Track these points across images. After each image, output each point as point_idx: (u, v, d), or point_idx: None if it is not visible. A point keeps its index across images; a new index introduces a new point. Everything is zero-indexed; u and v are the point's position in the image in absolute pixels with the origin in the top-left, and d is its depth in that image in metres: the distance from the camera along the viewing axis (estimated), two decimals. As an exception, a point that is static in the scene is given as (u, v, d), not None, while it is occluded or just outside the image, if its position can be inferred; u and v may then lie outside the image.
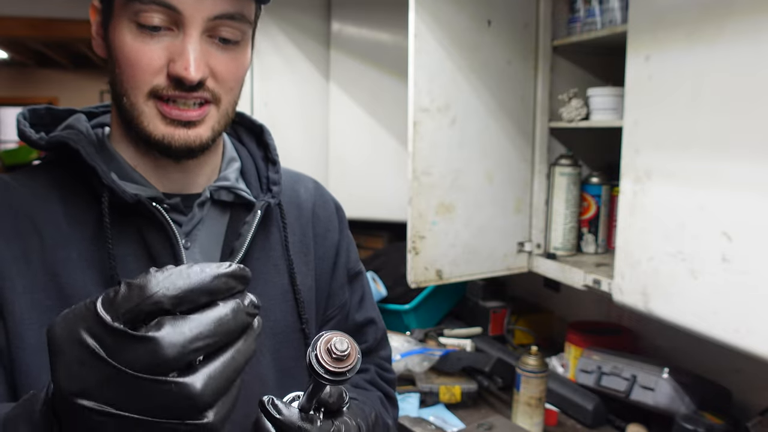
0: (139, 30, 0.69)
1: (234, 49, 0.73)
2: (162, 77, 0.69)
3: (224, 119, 0.76)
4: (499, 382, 1.78)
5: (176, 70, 0.68)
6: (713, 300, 1.13)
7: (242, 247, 0.78)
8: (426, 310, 2.17)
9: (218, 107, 0.74)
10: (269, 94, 2.43)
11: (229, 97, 0.75)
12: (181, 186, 0.80)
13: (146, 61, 0.69)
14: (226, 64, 0.72)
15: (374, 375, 0.95)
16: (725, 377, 1.50)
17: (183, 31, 0.69)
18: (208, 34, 0.71)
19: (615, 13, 1.50)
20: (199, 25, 0.69)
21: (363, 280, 0.99)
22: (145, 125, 0.72)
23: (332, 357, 0.56)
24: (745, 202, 1.07)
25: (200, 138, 0.73)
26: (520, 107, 1.74)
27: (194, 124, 0.72)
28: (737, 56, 1.07)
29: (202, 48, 0.70)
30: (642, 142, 1.28)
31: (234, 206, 0.83)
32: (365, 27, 2.50)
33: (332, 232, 0.94)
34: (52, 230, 0.72)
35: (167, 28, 0.69)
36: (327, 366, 0.56)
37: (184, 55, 0.68)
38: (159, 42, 0.69)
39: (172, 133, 0.71)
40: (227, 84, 0.73)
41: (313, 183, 0.98)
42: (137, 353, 0.42)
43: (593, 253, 1.75)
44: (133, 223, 0.74)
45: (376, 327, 0.97)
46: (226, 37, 0.72)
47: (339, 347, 0.56)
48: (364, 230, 2.69)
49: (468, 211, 1.70)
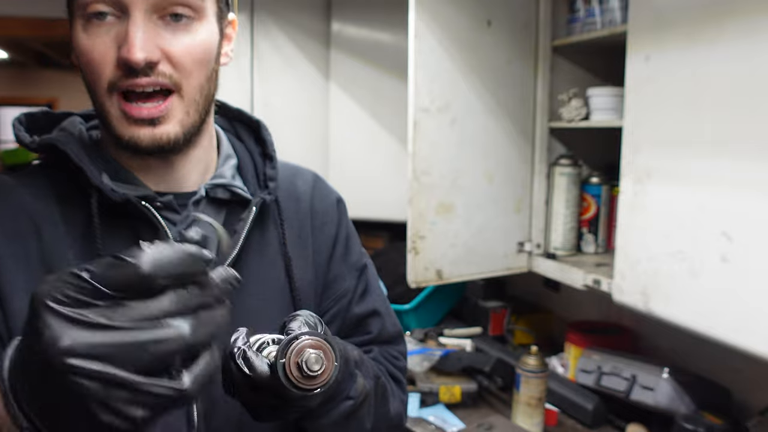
0: (88, 22, 0.68)
1: (188, 25, 0.70)
2: (111, 68, 0.68)
3: (194, 109, 0.73)
4: (499, 382, 1.79)
5: (121, 53, 0.66)
6: (713, 300, 1.13)
7: (237, 244, 0.78)
8: (426, 310, 2.17)
9: (181, 97, 0.71)
10: (269, 94, 2.43)
11: (192, 82, 0.72)
12: (175, 184, 0.79)
13: (98, 55, 0.68)
14: (181, 44, 0.69)
15: (378, 355, 0.92)
16: (725, 377, 1.50)
17: (127, 14, 0.67)
18: (159, 15, 0.68)
19: (615, 13, 1.50)
20: (142, 5, 0.67)
21: (368, 273, 0.96)
22: (114, 126, 0.70)
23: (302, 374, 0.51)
24: (745, 202, 1.07)
25: (167, 135, 0.71)
26: (520, 107, 1.74)
27: (159, 121, 0.70)
28: (737, 56, 1.07)
29: (148, 28, 0.67)
30: (642, 142, 1.28)
31: (230, 203, 0.82)
32: (365, 27, 2.50)
33: (329, 225, 0.92)
34: (50, 229, 0.73)
35: (114, 16, 0.67)
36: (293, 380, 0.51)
37: (127, 37, 0.66)
38: (107, 33, 0.68)
39: (137, 133, 0.70)
40: (185, 67, 0.70)
41: (312, 176, 0.96)
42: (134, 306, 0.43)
43: (593, 253, 1.75)
44: (126, 223, 0.74)
45: (382, 319, 0.93)
46: (177, 12, 0.69)
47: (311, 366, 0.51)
48: (364, 230, 2.67)
49: (468, 211, 1.70)
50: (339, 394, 0.70)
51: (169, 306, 0.44)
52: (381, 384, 0.82)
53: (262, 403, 0.62)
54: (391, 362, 0.93)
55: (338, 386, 0.68)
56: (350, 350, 0.74)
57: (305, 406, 0.63)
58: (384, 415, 0.82)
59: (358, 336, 0.91)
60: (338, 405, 0.70)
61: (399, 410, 0.87)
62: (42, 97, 7.50)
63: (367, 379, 0.76)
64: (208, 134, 0.81)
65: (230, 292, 0.49)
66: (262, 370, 0.59)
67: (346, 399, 0.71)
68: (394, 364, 0.93)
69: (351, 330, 0.91)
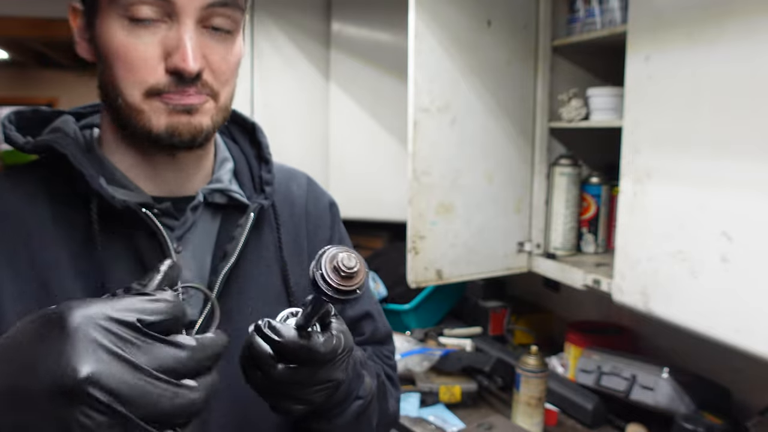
0: (131, 24, 0.66)
1: (227, 38, 0.71)
2: (160, 74, 0.67)
3: (222, 114, 0.74)
4: (499, 382, 1.79)
5: (174, 62, 0.66)
6: (713, 300, 1.13)
7: (235, 250, 0.77)
8: (426, 310, 2.17)
9: (216, 102, 0.73)
10: (269, 94, 2.43)
11: (226, 90, 0.74)
12: (174, 188, 0.78)
13: (141, 56, 0.67)
14: (220, 55, 0.70)
15: (372, 354, 0.93)
16: (725, 377, 1.50)
17: (177, 21, 0.66)
18: (202, 24, 0.69)
19: (615, 13, 1.50)
20: (193, 14, 0.67)
21: None
22: (146, 122, 0.69)
23: (340, 275, 0.51)
24: (745, 202, 1.07)
25: (202, 125, 0.71)
26: (520, 107, 1.74)
27: (197, 110, 0.70)
28: (737, 56, 1.07)
29: (196, 37, 0.68)
30: (642, 142, 1.28)
31: (226, 208, 0.81)
32: (365, 27, 2.50)
33: (323, 229, 0.93)
34: (41, 232, 0.71)
35: (160, 20, 0.67)
36: (335, 285, 0.51)
37: (181, 46, 0.66)
38: (153, 35, 0.66)
39: (176, 121, 0.69)
40: (223, 76, 0.72)
41: (306, 179, 0.96)
42: (163, 353, 0.43)
43: (593, 253, 1.75)
44: (123, 229, 0.73)
45: (374, 321, 0.95)
46: (218, 26, 0.70)
47: (347, 264, 0.51)
48: (364, 230, 2.69)
49: (468, 211, 1.70)
50: (350, 394, 0.71)
51: (187, 360, 0.45)
52: (381, 382, 0.85)
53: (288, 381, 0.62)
54: (384, 361, 0.95)
55: (349, 386, 0.70)
56: (356, 350, 0.75)
57: (333, 365, 0.63)
58: (384, 413, 0.85)
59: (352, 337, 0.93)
60: (350, 405, 0.72)
61: (395, 408, 0.91)
62: (42, 97, 7.50)
63: (371, 378, 0.78)
64: (213, 139, 0.82)
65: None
66: (290, 334, 0.59)
67: (356, 399, 0.73)
68: (387, 364, 0.95)
69: None
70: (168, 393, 0.43)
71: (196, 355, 0.45)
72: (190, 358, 0.45)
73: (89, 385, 0.40)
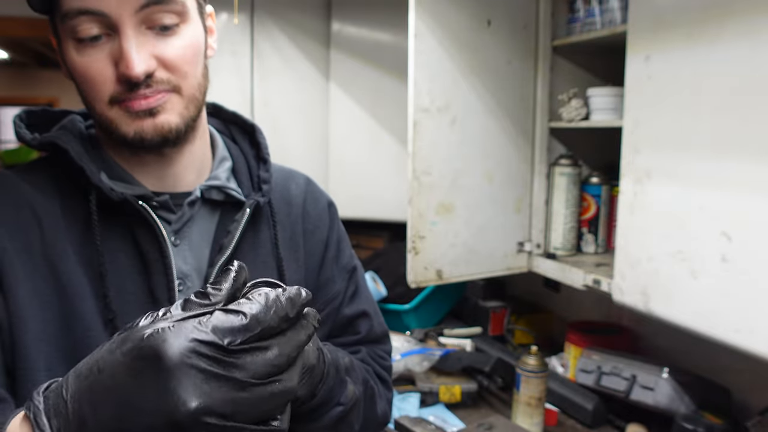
0: (81, 45, 0.71)
1: (176, 31, 0.73)
2: (113, 85, 0.71)
3: (193, 104, 0.76)
4: (499, 382, 1.79)
5: (121, 71, 0.70)
6: (713, 300, 1.13)
7: (230, 244, 0.80)
8: (426, 310, 2.17)
9: (180, 94, 0.75)
10: (269, 94, 2.43)
11: (189, 81, 0.75)
12: (171, 183, 0.81)
13: (95, 73, 0.71)
14: (172, 50, 0.73)
15: (365, 355, 0.95)
16: (725, 377, 1.50)
17: (117, 31, 0.70)
18: (146, 26, 0.71)
19: (615, 13, 1.50)
20: (129, 21, 0.69)
21: (357, 275, 0.99)
22: (116, 128, 0.73)
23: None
24: (745, 203, 1.07)
25: (170, 124, 0.74)
26: (520, 107, 1.74)
27: (158, 110, 0.73)
28: (737, 56, 1.07)
29: (140, 41, 0.70)
30: (642, 142, 1.28)
31: (224, 205, 0.84)
32: (365, 27, 2.50)
33: (321, 229, 0.95)
34: (51, 223, 0.74)
35: (106, 35, 0.70)
36: None
37: (123, 54, 0.69)
38: (102, 51, 0.70)
39: (140, 125, 0.72)
40: (181, 69, 0.74)
41: (305, 179, 0.99)
42: (255, 364, 0.45)
43: (593, 253, 1.75)
44: (123, 221, 0.76)
45: (370, 320, 0.97)
46: (164, 23, 0.72)
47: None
48: (364, 230, 2.69)
49: (468, 211, 1.70)
50: (330, 400, 0.72)
51: (277, 360, 0.46)
52: (369, 387, 0.87)
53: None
54: (377, 362, 0.96)
55: (330, 393, 0.71)
56: (341, 357, 0.76)
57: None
58: (372, 417, 0.87)
59: (347, 336, 0.95)
60: (330, 410, 0.73)
61: (385, 410, 0.92)
62: (42, 97, 7.51)
63: (356, 384, 0.79)
64: (201, 129, 0.84)
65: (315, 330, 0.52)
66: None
67: (336, 405, 0.74)
68: (380, 365, 0.96)
69: (341, 330, 0.95)
70: (266, 393, 0.45)
71: (283, 350, 0.47)
72: (279, 354, 0.46)
73: (202, 415, 0.42)
